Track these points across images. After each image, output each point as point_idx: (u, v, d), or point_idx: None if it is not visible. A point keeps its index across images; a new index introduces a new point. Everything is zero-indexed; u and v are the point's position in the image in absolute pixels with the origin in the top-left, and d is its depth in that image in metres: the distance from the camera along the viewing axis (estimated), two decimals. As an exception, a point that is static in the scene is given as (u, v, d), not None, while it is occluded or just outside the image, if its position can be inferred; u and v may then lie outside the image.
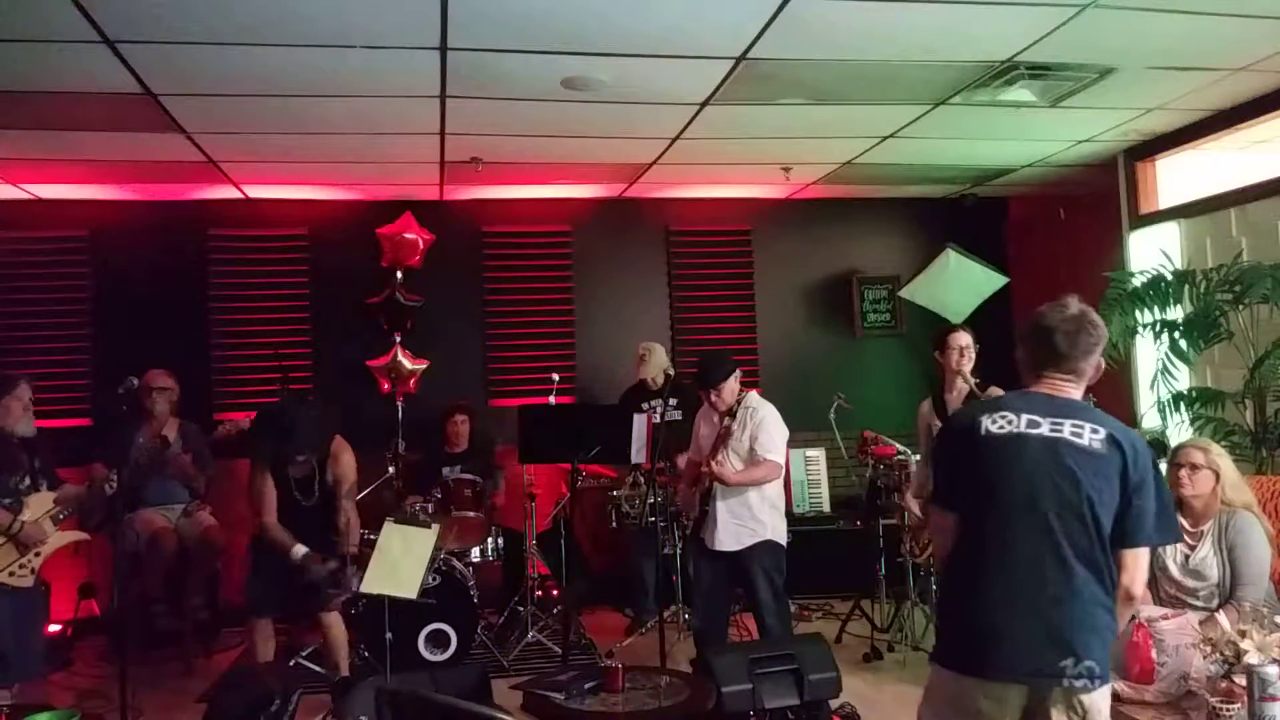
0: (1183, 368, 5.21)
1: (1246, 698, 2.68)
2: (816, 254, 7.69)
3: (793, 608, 5.33)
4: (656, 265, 7.51)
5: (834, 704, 4.07)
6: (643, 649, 5.45)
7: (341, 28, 3.85)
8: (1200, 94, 5.08)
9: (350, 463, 4.55)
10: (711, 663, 3.83)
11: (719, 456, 4.56)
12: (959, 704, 2.41)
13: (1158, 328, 5.24)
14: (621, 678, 3.59)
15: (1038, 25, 4.06)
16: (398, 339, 6.70)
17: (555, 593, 6.23)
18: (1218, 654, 2.84)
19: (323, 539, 4.46)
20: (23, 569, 4.32)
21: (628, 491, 5.96)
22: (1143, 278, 5.35)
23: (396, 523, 4.18)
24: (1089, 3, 3.82)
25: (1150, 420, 5.58)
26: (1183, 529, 3.65)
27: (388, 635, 4.13)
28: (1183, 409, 5.12)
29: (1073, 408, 2.49)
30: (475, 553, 5.77)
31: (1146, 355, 5.71)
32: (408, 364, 6.67)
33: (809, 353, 7.58)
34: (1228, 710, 2.76)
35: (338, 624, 4.62)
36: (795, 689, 3.80)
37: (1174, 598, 3.60)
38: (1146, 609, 3.50)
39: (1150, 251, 5.77)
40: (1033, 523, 2.37)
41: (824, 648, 4.05)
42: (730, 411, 4.62)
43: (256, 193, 6.76)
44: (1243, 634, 2.81)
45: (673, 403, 5.32)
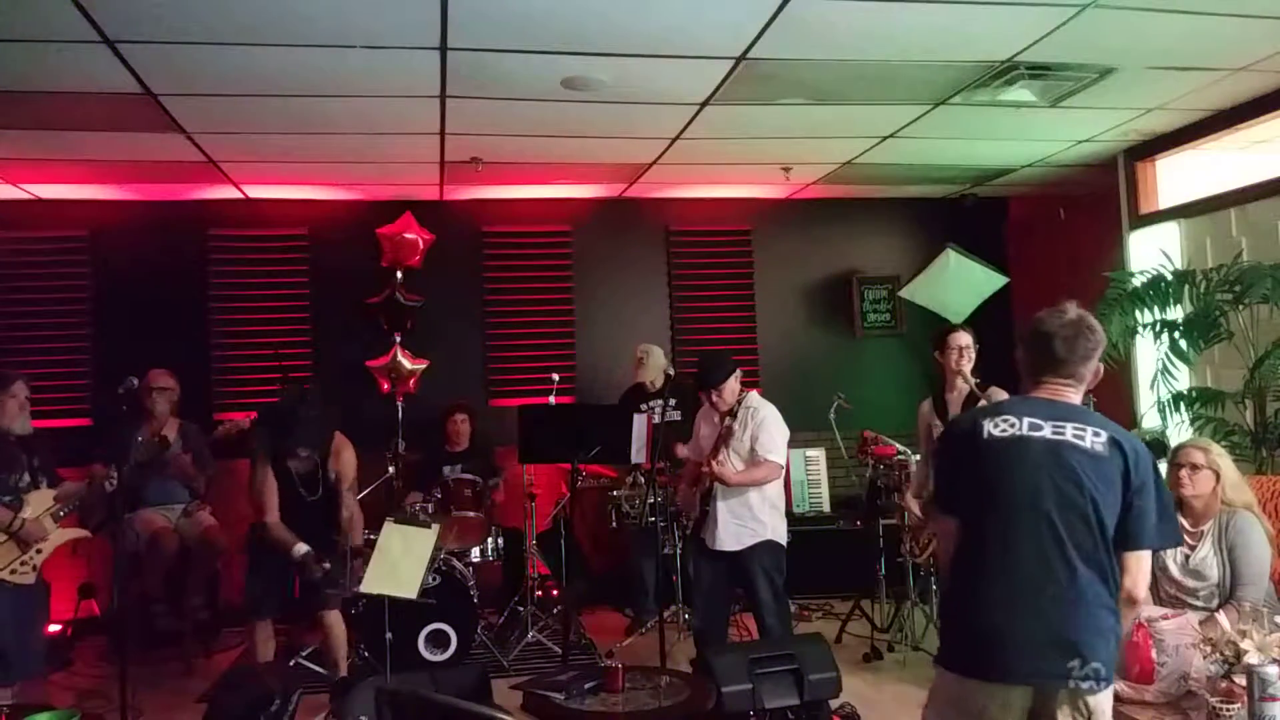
0: (1183, 368, 5.21)
1: (1246, 698, 2.68)
2: (816, 254, 7.69)
3: (793, 608, 5.33)
4: (656, 265, 7.51)
5: (834, 704, 4.07)
6: (643, 649, 5.45)
7: (341, 28, 3.85)
8: (1200, 94, 5.08)
9: (351, 459, 4.58)
10: (711, 663, 3.83)
11: (720, 457, 4.57)
12: (964, 707, 2.40)
13: (1158, 328, 5.24)
14: (621, 678, 3.59)
15: (1038, 25, 4.06)
16: (397, 339, 6.70)
17: (555, 593, 6.23)
18: (1218, 654, 2.84)
19: (325, 535, 4.47)
20: (24, 566, 4.32)
21: (628, 491, 5.96)
22: (1143, 278, 5.35)
23: (396, 523, 4.18)
24: (1089, 3, 3.82)
25: (1150, 420, 5.57)
26: (1183, 529, 3.65)
27: (388, 635, 4.13)
28: (1183, 409, 5.12)
29: (1074, 411, 2.51)
30: (475, 553, 5.77)
31: (1146, 355, 5.71)
32: (407, 364, 6.67)
33: (809, 353, 7.58)
34: (1228, 710, 2.76)
35: (338, 623, 4.62)
36: (795, 689, 3.80)
37: (1174, 598, 3.60)
38: (1146, 609, 3.50)
39: (1150, 251, 5.77)
40: (1036, 524, 2.37)
41: (824, 648, 4.05)
42: (731, 411, 4.62)
43: (256, 193, 6.76)
44: (1243, 634, 2.81)
45: (672, 403, 5.31)
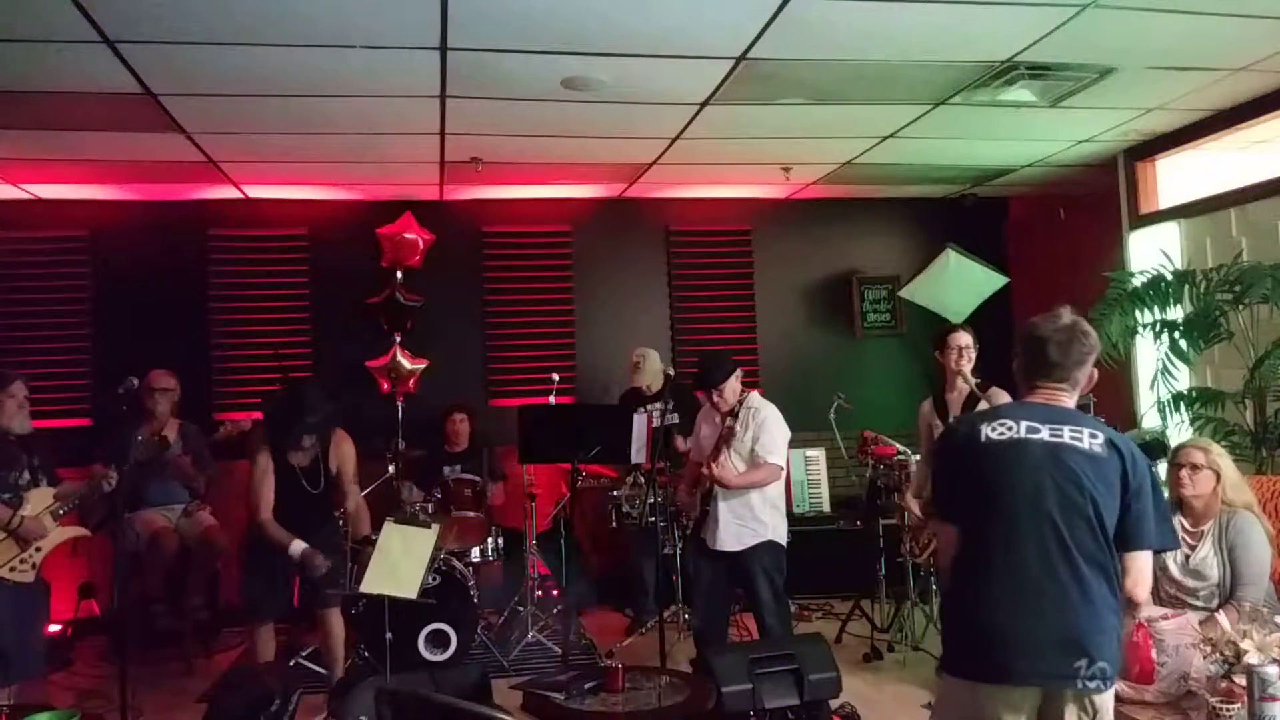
0: (1183, 368, 5.21)
1: (1246, 698, 2.68)
2: (816, 254, 7.69)
3: (793, 608, 5.33)
4: (656, 265, 7.51)
5: (834, 704, 4.07)
6: (643, 649, 5.45)
7: (341, 28, 3.85)
8: (1200, 94, 5.08)
9: (351, 453, 4.60)
10: (711, 663, 3.83)
11: (720, 458, 4.56)
12: (973, 713, 2.38)
13: (1158, 328, 5.24)
14: (621, 678, 3.59)
15: (1038, 25, 4.06)
16: (397, 339, 6.70)
17: (555, 593, 6.23)
18: (1218, 654, 2.85)
19: (326, 530, 4.49)
20: (24, 564, 4.32)
21: (628, 491, 5.96)
22: (1143, 278, 5.35)
23: (396, 523, 4.18)
24: (1089, 3, 3.82)
25: (1150, 420, 5.58)
26: (1183, 529, 3.66)
27: (388, 635, 4.12)
28: (1183, 409, 5.12)
29: (1069, 414, 2.52)
30: (475, 553, 5.77)
31: (1146, 355, 5.71)
32: (407, 364, 6.67)
33: (809, 353, 7.58)
34: (1228, 710, 2.77)
35: (338, 624, 4.62)
36: (795, 689, 3.80)
37: (1174, 598, 3.60)
38: (1146, 609, 3.50)
39: (1150, 251, 5.77)
40: (1038, 525, 2.37)
41: (824, 648, 4.05)
42: (733, 412, 4.62)
43: (256, 193, 6.76)
44: (1243, 634, 2.81)
45: (670, 405, 5.28)
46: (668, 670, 4.07)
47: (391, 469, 6.04)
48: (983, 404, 4.52)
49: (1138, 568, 2.43)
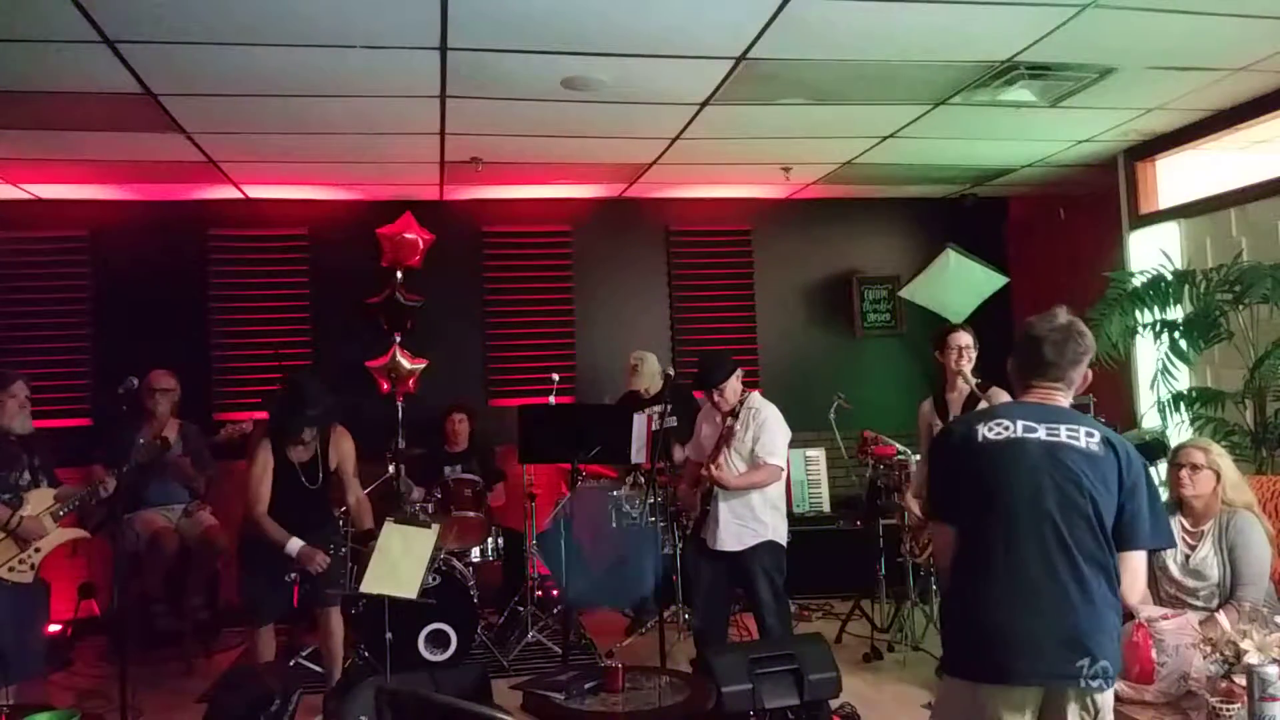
0: (1183, 368, 5.21)
1: (1246, 698, 2.68)
2: (816, 254, 7.69)
3: (793, 608, 5.33)
4: (656, 265, 7.51)
5: (834, 704, 4.07)
6: (643, 649, 5.45)
7: (341, 28, 3.85)
8: (1200, 94, 5.08)
9: (351, 448, 4.62)
10: (711, 663, 3.83)
11: (720, 458, 4.56)
12: (975, 713, 2.36)
13: (1158, 328, 5.24)
14: (621, 678, 3.59)
15: (1038, 25, 4.06)
16: (397, 339, 6.70)
17: (555, 593, 6.23)
18: (1218, 654, 2.84)
19: (324, 526, 4.50)
20: (22, 564, 4.31)
21: (628, 491, 5.96)
22: (1143, 278, 5.35)
23: (396, 523, 4.18)
24: (1089, 3, 3.82)
25: (1150, 420, 5.58)
26: (1183, 529, 3.66)
27: (388, 635, 4.12)
28: (1183, 409, 5.12)
29: (1065, 414, 2.52)
30: (475, 553, 5.77)
31: (1146, 355, 5.71)
32: (406, 364, 6.67)
33: (809, 353, 7.58)
34: (1228, 710, 2.76)
35: (338, 624, 4.62)
36: (795, 689, 3.80)
37: (1174, 598, 3.60)
38: (1146, 609, 3.50)
39: (1150, 251, 5.77)
40: (1038, 525, 2.37)
41: (824, 648, 4.05)
42: (733, 411, 4.62)
43: (256, 193, 6.76)
44: (1243, 634, 2.81)
45: (664, 407, 5.26)
46: (668, 670, 4.07)
47: (391, 469, 6.03)
48: (983, 404, 4.52)
49: (1131, 569, 2.43)
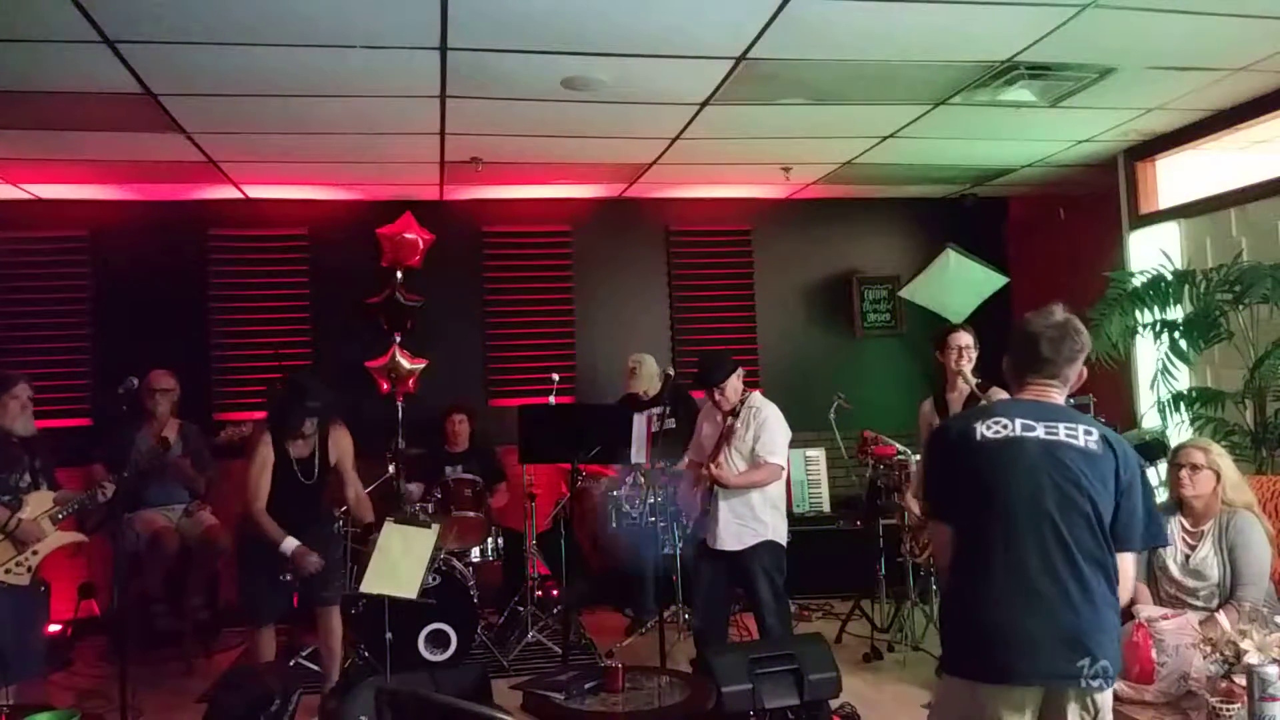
0: (1183, 368, 5.21)
1: (1246, 698, 2.68)
2: (816, 254, 7.69)
3: (793, 608, 5.33)
4: (656, 265, 7.51)
5: (834, 704, 4.07)
6: (643, 649, 5.45)
7: (341, 28, 3.85)
8: (1200, 94, 5.08)
9: (349, 444, 4.62)
10: (711, 663, 3.83)
11: (720, 457, 4.56)
12: (975, 713, 2.35)
13: (1158, 328, 5.24)
14: (621, 678, 3.59)
15: (1038, 25, 4.06)
16: (397, 339, 6.70)
17: (555, 593, 6.23)
18: (1218, 654, 2.85)
19: (319, 522, 4.51)
20: (19, 567, 4.30)
21: (628, 491, 5.96)
22: (1143, 278, 5.35)
23: (396, 523, 4.18)
24: (1089, 3, 3.82)
25: (1150, 420, 5.58)
26: (1183, 529, 3.66)
27: (388, 635, 4.13)
28: (1183, 409, 5.12)
29: (1062, 412, 2.52)
30: (475, 553, 5.76)
31: (1146, 355, 5.71)
32: (406, 364, 6.67)
33: (809, 353, 7.58)
34: (1228, 710, 2.77)
35: (336, 623, 4.61)
36: (795, 689, 3.80)
37: (1174, 598, 3.60)
38: (1146, 609, 3.51)
39: (1150, 251, 5.77)
40: (1038, 525, 2.36)
41: (824, 648, 4.05)
42: (734, 411, 4.63)
43: (256, 193, 6.76)
44: (1243, 634, 2.81)
45: (664, 409, 5.25)
46: (668, 670, 4.08)
47: (391, 469, 6.03)
48: (983, 404, 4.52)
49: (1121, 569, 2.42)
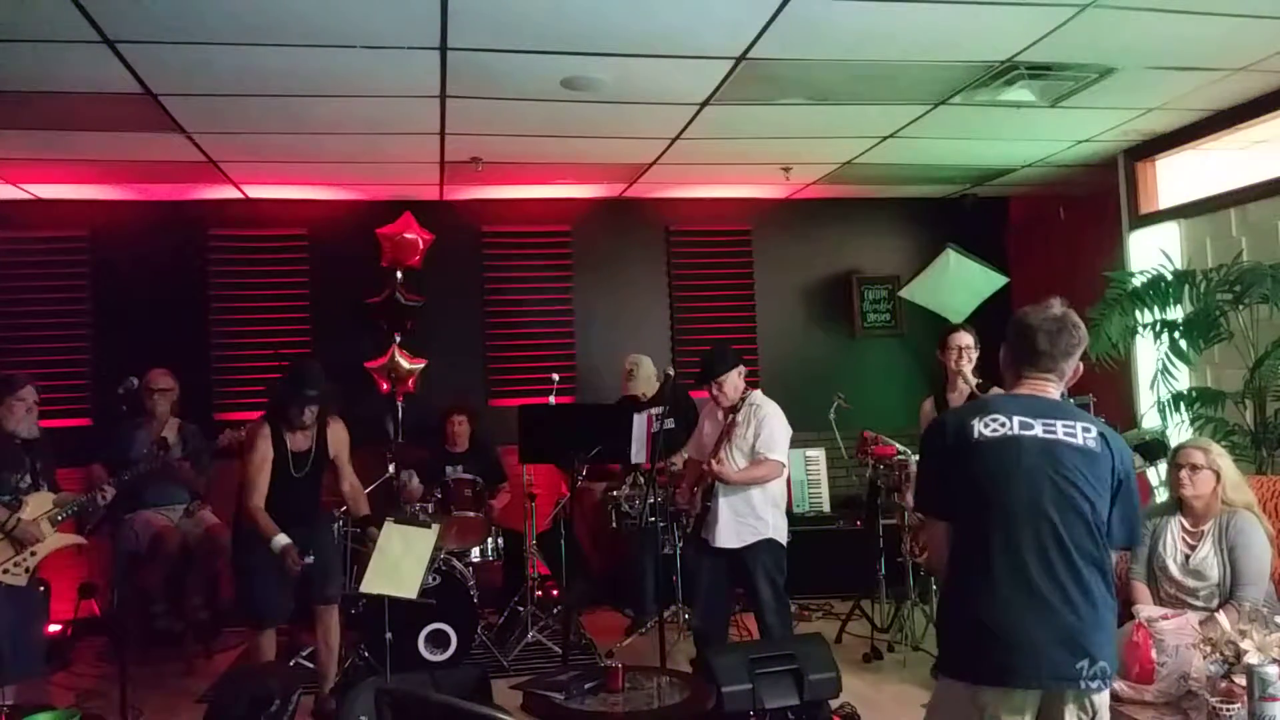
0: (1183, 368, 5.21)
1: (1246, 698, 2.68)
2: (816, 254, 7.69)
3: (793, 608, 5.32)
4: (656, 265, 7.51)
5: (834, 704, 4.07)
6: (643, 649, 5.44)
7: (341, 28, 3.85)
8: (1200, 94, 5.08)
9: (345, 437, 4.64)
10: (711, 663, 3.83)
11: (720, 454, 4.56)
12: (974, 715, 2.34)
13: (1158, 328, 5.24)
14: (621, 678, 3.59)
15: (1038, 25, 4.06)
16: (397, 339, 6.69)
17: (555, 593, 6.22)
18: (1218, 654, 2.84)
19: (312, 514, 4.52)
20: (17, 567, 4.29)
21: (628, 491, 5.96)
22: (1143, 278, 5.35)
23: (396, 523, 4.18)
24: (1089, 3, 3.82)
25: (1150, 420, 5.58)
26: (1183, 529, 3.66)
27: (388, 635, 4.13)
28: (1183, 409, 5.12)
29: (1060, 408, 2.50)
30: (475, 553, 5.76)
31: (1146, 355, 5.71)
32: (405, 364, 6.67)
33: (809, 353, 7.58)
34: (1228, 710, 2.77)
35: (334, 624, 4.61)
36: (795, 689, 3.80)
37: (1174, 598, 3.60)
38: (1146, 609, 3.51)
39: (1150, 251, 5.77)
40: (1036, 525, 2.35)
41: (824, 648, 4.05)
42: (735, 408, 4.63)
43: (256, 193, 6.76)
44: (1243, 634, 2.81)
45: (661, 410, 5.23)
46: (668, 670, 4.08)
47: (392, 468, 6.03)
48: (979, 399, 4.51)
49: None
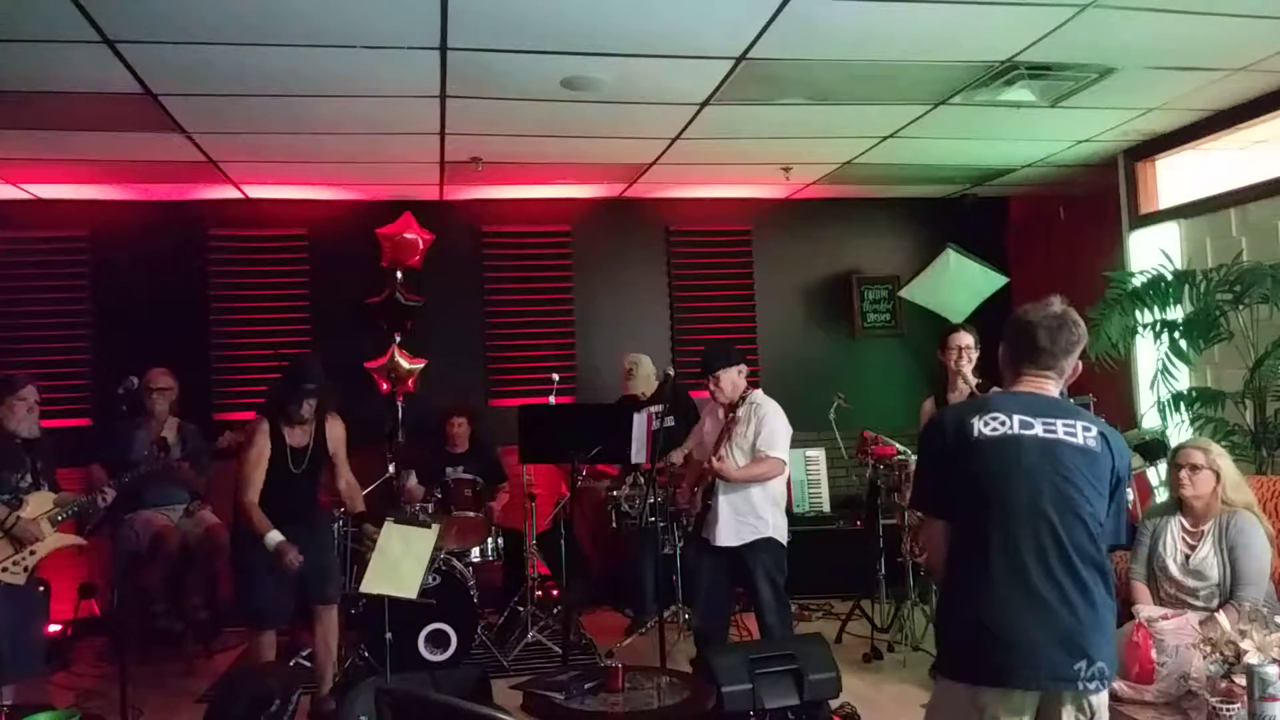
0: (1183, 368, 5.21)
1: (1246, 698, 2.68)
2: (816, 254, 7.69)
3: (793, 608, 5.32)
4: (656, 265, 7.51)
5: (834, 704, 4.07)
6: (643, 649, 5.44)
7: (341, 28, 3.85)
8: (1200, 94, 5.08)
9: (343, 434, 4.65)
10: (711, 663, 3.83)
11: (720, 451, 4.57)
12: (973, 716, 2.33)
13: (1158, 328, 5.24)
14: (621, 678, 3.59)
15: (1038, 25, 4.06)
16: (396, 339, 6.69)
17: (555, 593, 6.22)
18: (1218, 654, 2.84)
19: (309, 511, 4.52)
20: (16, 566, 4.29)
21: (628, 491, 5.96)
22: (1143, 278, 5.35)
23: (396, 523, 4.18)
24: (1089, 3, 3.82)
25: (1150, 420, 5.58)
26: (1183, 529, 3.67)
27: (388, 635, 4.13)
28: (1183, 409, 5.12)
29: (1060, 407, 2.49)
30: (475, 553, 5.76)
31: (1146, 355, 5.71)
32: (405, 364, 6.67)
33: (809, 353, 7.58)
34: (1228, 710, 2.77)
35: (334, 624, 4.61)
36: (795, 689, 3.80)
37: (1174, 598, 3.61)
38: (1146, 609, 3.52)
39: (1150, 251, 5.76)
40: (1036, 526, 2.34)
41: (824, 648, 4.05)
42: (734, 406, 4.63)
43: (256, 193, 6.76)
44: (1243, 634, 2.81)
45: (661, 408, 5.24)
46: (668, 670, 4.07)
47: (392, 468, 6.03)
48: (978, 397, 4.51)
49: None
